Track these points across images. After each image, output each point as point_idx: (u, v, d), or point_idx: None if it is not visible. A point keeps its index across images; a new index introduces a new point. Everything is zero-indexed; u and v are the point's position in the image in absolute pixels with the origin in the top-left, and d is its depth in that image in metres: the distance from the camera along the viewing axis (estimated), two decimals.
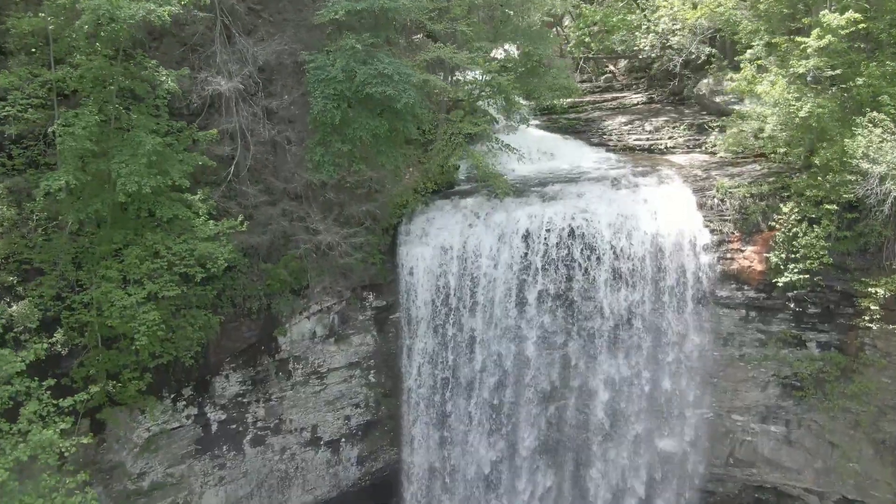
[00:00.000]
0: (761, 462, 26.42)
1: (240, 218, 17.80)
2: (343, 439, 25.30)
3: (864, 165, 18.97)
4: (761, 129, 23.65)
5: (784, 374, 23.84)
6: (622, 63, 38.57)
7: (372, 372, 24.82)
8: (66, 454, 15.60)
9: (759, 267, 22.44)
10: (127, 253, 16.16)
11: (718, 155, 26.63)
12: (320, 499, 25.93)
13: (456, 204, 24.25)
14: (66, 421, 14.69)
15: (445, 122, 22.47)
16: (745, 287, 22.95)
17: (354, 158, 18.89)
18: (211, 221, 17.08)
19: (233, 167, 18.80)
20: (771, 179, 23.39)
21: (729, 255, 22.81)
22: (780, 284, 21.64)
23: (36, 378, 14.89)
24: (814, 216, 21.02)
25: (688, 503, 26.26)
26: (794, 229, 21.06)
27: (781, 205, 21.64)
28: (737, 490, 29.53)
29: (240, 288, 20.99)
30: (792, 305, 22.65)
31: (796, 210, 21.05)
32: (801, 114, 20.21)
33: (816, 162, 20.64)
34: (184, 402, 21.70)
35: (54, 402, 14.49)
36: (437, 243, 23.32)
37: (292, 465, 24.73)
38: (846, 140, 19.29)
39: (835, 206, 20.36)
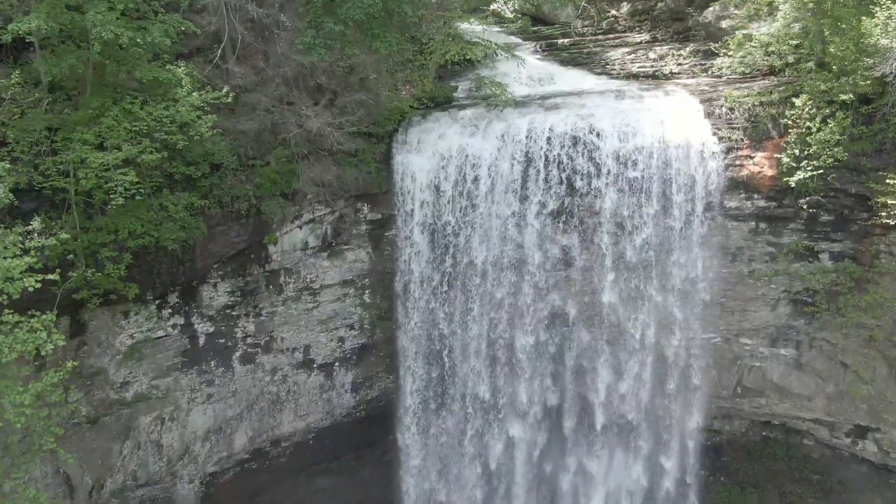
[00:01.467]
0: (770, 390, 25.52)
1: (225, 89, 16.89)
2: (337, 363, 24.36)
3: (884, 41, 18.08)
4: (769, 45, 22.88)
5: (795, 290, 22.93)
6: (625, 7, 37.71)
7: (367, 292, 23.89)
8: (43, 353, 14.71)
9: (769, 172, 21.55)
10: (105, 116, 15.22)
11: (725, 78, 25.77)
12: (313, 426, 25.01)
13: (454, 115, 23.36)
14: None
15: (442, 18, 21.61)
16: (755, 196, 22.05)
17: (347, 42, 18.00)
18: (195, 93, 16.17)
19: (220, 49, 17.91)
20: (781, 88, 22.52)
21: (738, 162, 21.92)
22: (792, 185, 20.75)
23: None
24: (828, 112, 20.12)
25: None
26: (808, 124, 20.16)
27: (795, 99, 20.72)
28: (744, 428, 28.69)
29: (227, 188, 20.06)
30: (804, 214, 21.74)
31: (810, 103, 20.15)
32: None
33: (832, 50, 19.73)
34: (169, 310, 20.77)
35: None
36: (434, 152, 22.41)
37: (284, 388, 23.80)
38: (863, 19, 18.41)
39: (850, 96, 19.46)
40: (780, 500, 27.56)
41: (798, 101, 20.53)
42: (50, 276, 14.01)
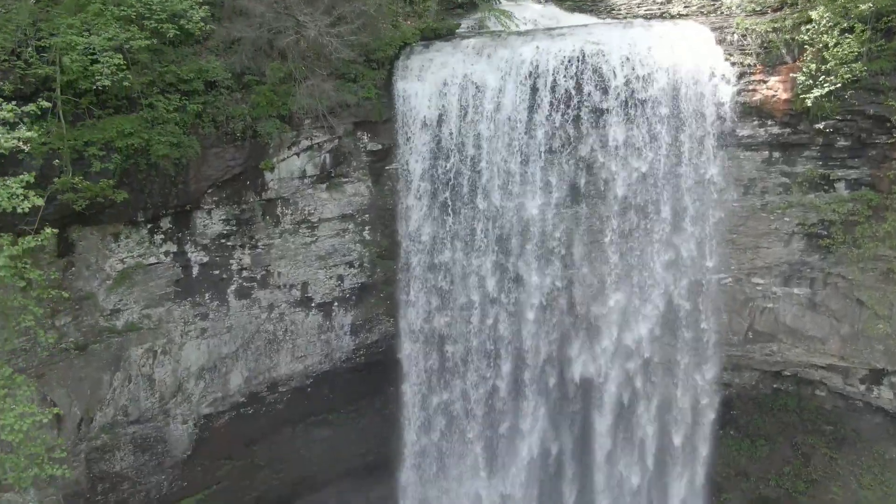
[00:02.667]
0: (783, 333, 24.73)
1: None
2: (335, 303, 23.57)
3: None
4: None
5: (810, 223, 22.15)
6: None
7: (367, 228, 23.12)
8: (29, 276, 14.03)
9: (783, 96, 20.80)
10: (92, 3, 14.47)
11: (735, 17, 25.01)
12: (311, 370, 24.22)
13: (457, 45, 22.66)
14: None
15: None
16: (769, 122, 21.29)
17: None
18: None
19: None
20: (795, 15, 21.76)
21: (751, 87, 21.17)
22: (808, 104, 19.97)
23: None
24: (846, 26, 19.38)
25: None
26: (825, 38, 19.42)
27: (811, 12, 19.98)
28: (754, 381, 27.93)
29: (222, 106, 19.32)
30: (819, 140, 20.99)
31: (827, 15, 19.40)
32: None
33: None
34: (161, 236, 20.01)
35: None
36: (436, 79, 21.66)
37: (281, 327, 23.01)
38: None
39: (869, 4, 18.72)
40: (791, 452, 26.77)
41: (815, 15, 19.78)
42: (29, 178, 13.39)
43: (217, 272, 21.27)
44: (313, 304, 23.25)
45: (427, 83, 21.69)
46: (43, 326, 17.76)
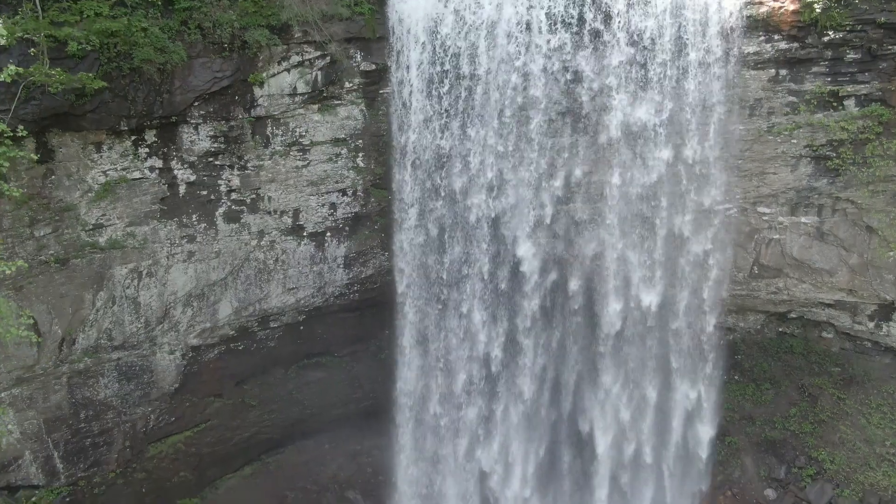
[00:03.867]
0: (789, 267, 24.04)
1: None
2: (328, 233, 22.83)
3: None
4: None
5: (818, 144, 21.45)
6: None
7: (360, 155, 22.37)
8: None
9: (791, 7, 20.07)
10: None
11: None
12: (303, 304, 23.47)
13: None
14: None
15: None
16: (776, 37, 20.57)
17: None
18: None
19: None
20: None
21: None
22: (817, 10, 19.25)
23: None
24: None
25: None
26: None
27: None
28: (759, 325, 27.29)
29: (209, 12, 18.59)
30: (828, 54, 20.29)
31: None
32: None
33: None
34: (146, 149, 19.29)
35: None
36: None
37: (271, 256, 22.27)
38: None
39: None
40: (798, 394, 26.06)
41: None
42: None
43: (205, 193, 20.54)
44: (305, 234, 22.50)
45: None
46: (21, 236, 17.14)
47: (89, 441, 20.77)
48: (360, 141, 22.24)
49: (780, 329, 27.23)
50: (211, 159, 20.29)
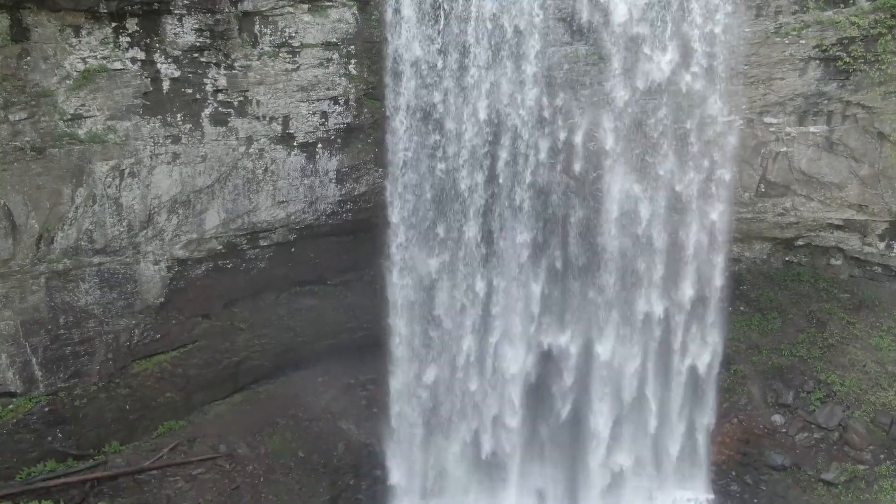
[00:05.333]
0: (797, 183, 23.26)
1: None
2: (319, 144, 22.01)
3: None
4: None
5: (828, 44, 20.65)
6: None
7: (352, 61, 21.54)
8: None
9: None
10: None
11: None
12: (294, 220, 22.64)
13: None
14: None
15: None
16: None
17: None
18: None
19: None
20: None
21: None
22: None
23: None
24: None
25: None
26: None
27: None
28: (765, 254, 26.53)
29: None
30: None
31: None
32: None
33: None
34: (128, 39, 18.49)
35: None
36: None
37: (260, 165, 21.46)
38: None
39: None
40: (805, 322, 25.28)
41: None
42: None
43: (190, 91, 19.74)
44: (295, 143, 21.69)
45: None
46: None
47: (69, 349, 19.95)
48: (353, 47, 21.42)
49: (787, 258, 26.44)
50: (196, 55, 19.49)
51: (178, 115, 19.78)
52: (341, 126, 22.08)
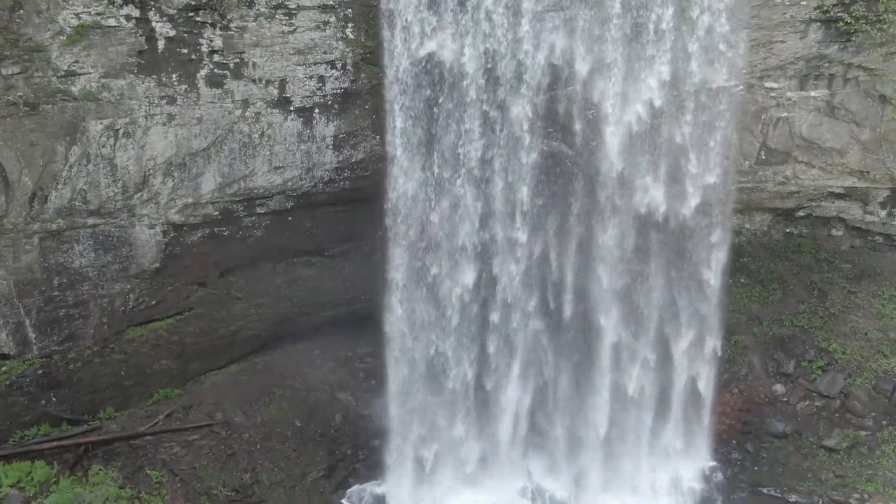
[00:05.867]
0: (798, 149, 23.13)
1: None
2: (316, 109, 21.81)
3: None
4: None
5: (828, 5, 20.51)
6: None
7: (350, 25, 21.34)
8: None
9: None
10: None
11: None
12: (291, 186, 22.44)
13: None
14: None
15: None
16: None
17: None
18: None
19: None
20: None
21: None
22: None
23: None
24: None
25: None
26: None
27: None
28: (765, 226, 26.40)
29: None
30: None
31: None
32: None
33: None
34: None
35: None
36: None
37: (257, 129, 21.26)
38: None
39: None
40: (806, 292, 25.12)
41: None
42: None
43: (185, 51, 19.55)
44: (292, 108, 21.49)
45: None
46: None
47: (63, 312, 19.75)
48: (350, 10, 21.23)
49: (787, 230, 26.31)
50: (191, 14, 19.30)
51: (174, 76, 19.59)
52: (338, 91, 21.89)
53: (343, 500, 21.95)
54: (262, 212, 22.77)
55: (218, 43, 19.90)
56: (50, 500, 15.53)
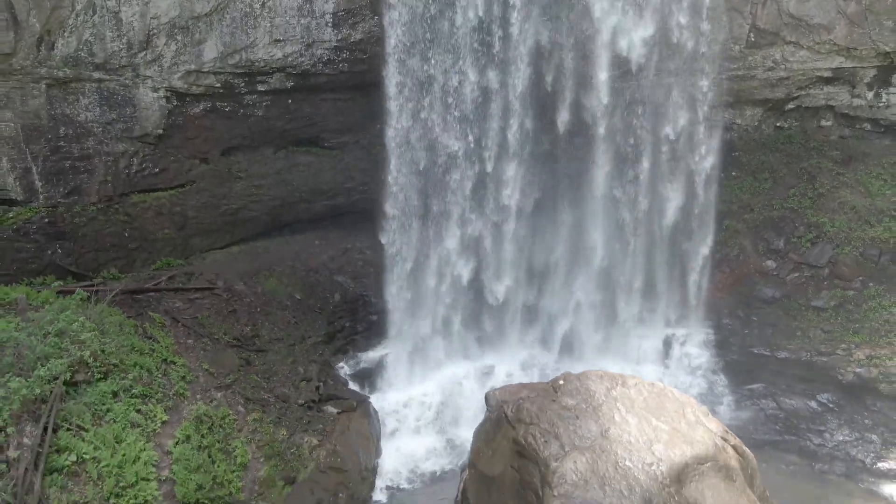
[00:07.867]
0: (786, 28, 23.65)
1: None
2: None
3: None
4: None
5: None
6: None
7: None
8: None
9: None
10: None
11: None
12: (291, 62, 22.85)
13: None
14: None
15: None
16: None
17: None
18: None
19: None
20: None
21: None
22: None
23: None
24: None
25: None
26: None
27: None
28: (756, 121, 26.94)
29: None
30: None
31: None
32: None
33: None
34: None
35: None
36: None
37: (258, 0, 21.77)
38: None
39: None
40: (796, 179, 25.60)
41: None
42: None
43: None
44: None
45: None
46: None
47: (69, 164, 20.26)
48: None
49: (778, 124, 26.84)
50: None
51: None
52: None
53: (342, 363, 22.39)
54: (262, 89, 23.24)
55: None
56: (57, 304, 15.97)
